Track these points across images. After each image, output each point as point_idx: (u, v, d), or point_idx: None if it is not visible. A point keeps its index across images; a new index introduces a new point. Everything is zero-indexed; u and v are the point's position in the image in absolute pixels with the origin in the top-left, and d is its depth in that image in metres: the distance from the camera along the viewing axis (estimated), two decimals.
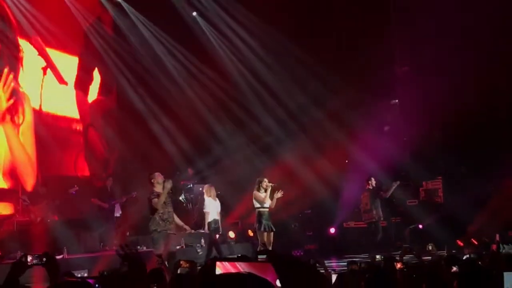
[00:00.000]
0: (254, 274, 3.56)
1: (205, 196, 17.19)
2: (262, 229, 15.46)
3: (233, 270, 4.35)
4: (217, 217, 16.98)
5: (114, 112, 21.13)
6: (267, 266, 4.16)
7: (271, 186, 15.50)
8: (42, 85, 19.54)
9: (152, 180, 13.63)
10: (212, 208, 16.98)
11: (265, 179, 15.70)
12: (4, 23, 18.40)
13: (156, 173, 13.77)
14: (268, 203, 15.45)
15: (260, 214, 15.58)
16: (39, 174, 19.28)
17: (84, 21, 20.52)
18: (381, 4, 21.95)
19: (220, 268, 4.63)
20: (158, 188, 13.57)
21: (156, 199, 13.34)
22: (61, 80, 19.93)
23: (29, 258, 9.34)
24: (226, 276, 3.63)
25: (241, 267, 4.49)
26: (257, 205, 15.62)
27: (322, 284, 4.15)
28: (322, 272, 9.01)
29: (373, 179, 18.08)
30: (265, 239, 15.38)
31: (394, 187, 18.04)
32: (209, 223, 16.89)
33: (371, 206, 17.76)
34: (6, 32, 18.41)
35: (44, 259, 9.13)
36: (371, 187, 17.91)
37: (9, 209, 18.05)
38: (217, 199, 17.23)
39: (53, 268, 8.24)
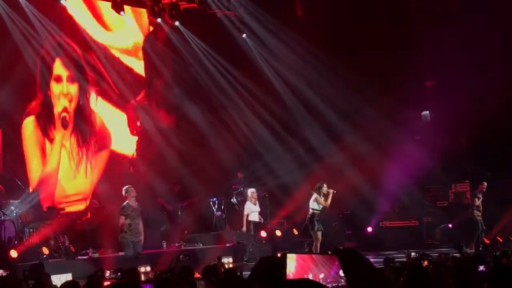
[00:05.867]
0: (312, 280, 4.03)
1: (248, 200, 17.68)
2: (316, 229, 15.96)
3: (303, 263, 4.64)
4: (257, 219, 17.54)
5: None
6: (332, 258, 4.57)
7: (332, 192, 15.94)
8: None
9: (125, 194, 14.95)
10: (253, 210, 17.46)
11: (324, 185, 16.12)
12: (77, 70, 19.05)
13: (131, 188, 15.01)
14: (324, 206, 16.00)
15: (314, 215, 16.04)
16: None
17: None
18: (409, 24, 22.25)
19: (291, 260, 4.81)
20: (131, 201, 14.84)
21: (126, 221, 14.70)
22: (112, 94, 20.34)
23: (107, 274, 9.90)
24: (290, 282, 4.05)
25: (311, 258, 4.83)
26: (314, 207, 16.06)
27: (378, 273, 4.50)
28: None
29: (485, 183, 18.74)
30: (319, 237, 15.85)
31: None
32: (248, 223, 17.39)
33: None
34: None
35: (119, 274, 9.69)
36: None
37: (82, 211, 18.72)
38: (257, 203, 17.67)
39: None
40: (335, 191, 16.13)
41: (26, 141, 18.14)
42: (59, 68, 18.72)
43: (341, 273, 4.42)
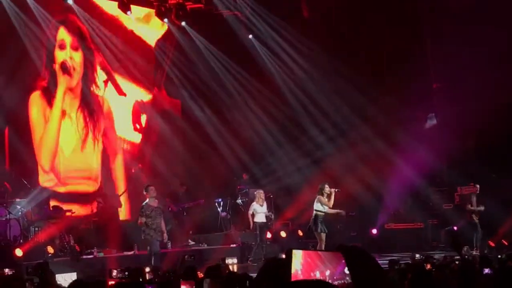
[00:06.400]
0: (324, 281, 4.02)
1: (254, 201, 17.71)
2: (319, 230, 15.89)
3: (310, 260, 4.62)
4: (264, 219, 17.54)
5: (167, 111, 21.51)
6: (338, 255, 4.51)
7: (335, 191, 15.93)
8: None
9: (145, 193, 14.86)
10: (258, 211, 17.44)
11: (326, 185, 16.10)
12: (81, 38, 19.15)
13: (151, 187, 14.85)
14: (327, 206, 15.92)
15: (318, 217, 15.97)
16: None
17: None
18: (416, 25, 22.18)
19: (298, 258, 4.69)
20: (150, 201, 14.69)
21: (142, 219, 14.69)
22: (120, 91, 20.46)
23: (114, 273, 9.87)
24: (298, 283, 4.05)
25: (318, 255, 4.75)
26: (319, 208, 15.98)
27: (382, 271, 4.48)
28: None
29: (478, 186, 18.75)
30: (323, 239, 15.81)
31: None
32: (255, 224, 17.41)
33: None
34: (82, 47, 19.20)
35: (126, 273, 9.68)
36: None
37: (87, 209, 18.64)
38: (264, 203, 17.65)
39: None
40: (336, 190, 16.13)
41: (32, 115, 18.25)
42: (62, 34, 18.86)
43: (347, 270, 4.41)
